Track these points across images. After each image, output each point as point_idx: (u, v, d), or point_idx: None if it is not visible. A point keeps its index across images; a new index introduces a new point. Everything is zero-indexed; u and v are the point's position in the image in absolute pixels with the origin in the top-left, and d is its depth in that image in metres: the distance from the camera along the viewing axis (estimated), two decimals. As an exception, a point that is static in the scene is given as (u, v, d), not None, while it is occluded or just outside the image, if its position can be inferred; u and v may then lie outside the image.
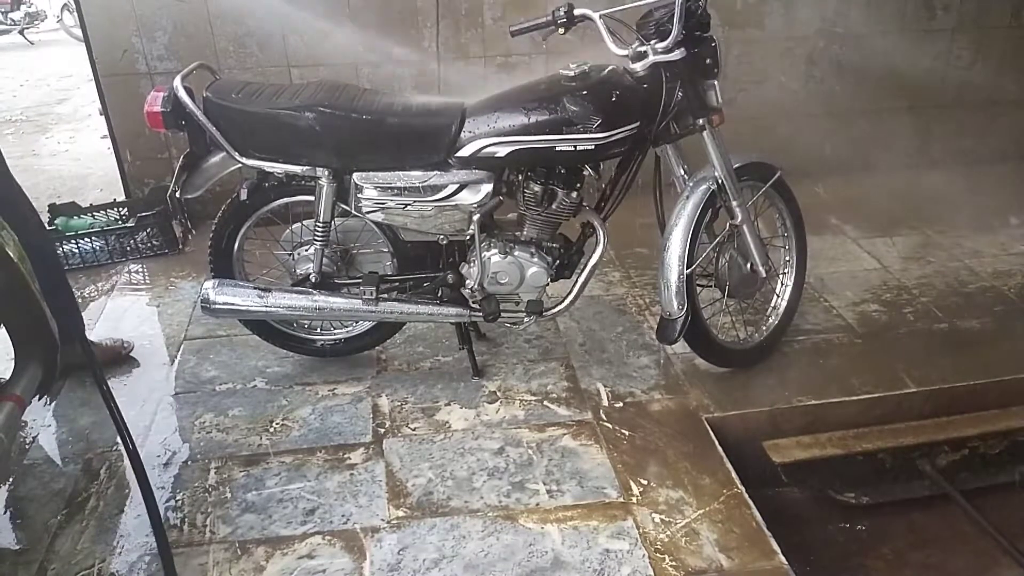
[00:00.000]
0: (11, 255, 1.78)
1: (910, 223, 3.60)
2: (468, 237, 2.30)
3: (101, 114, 3.58)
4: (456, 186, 2.21)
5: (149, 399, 2.51)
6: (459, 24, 3.50)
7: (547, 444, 2.29)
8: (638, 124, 2.19)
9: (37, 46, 9.42)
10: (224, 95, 2.18)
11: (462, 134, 2.18)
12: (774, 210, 2.64)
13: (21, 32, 9.56)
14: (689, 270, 2.31)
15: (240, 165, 2.23)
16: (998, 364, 2.64)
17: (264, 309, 2.36)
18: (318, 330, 2.65)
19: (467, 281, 2.36)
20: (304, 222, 2.41)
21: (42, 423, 2.42)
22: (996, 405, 2.58)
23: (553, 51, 3.52)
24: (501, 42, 3.53)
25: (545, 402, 2.46)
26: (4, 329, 1.96)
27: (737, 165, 2.38)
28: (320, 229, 2.31)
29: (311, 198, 2.30)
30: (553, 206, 2.27)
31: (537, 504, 2.08)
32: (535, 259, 2.33)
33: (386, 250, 2.45)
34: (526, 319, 2.41)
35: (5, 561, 1.95)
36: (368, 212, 2.27)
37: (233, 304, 2.35)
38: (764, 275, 2.50)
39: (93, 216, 3.52)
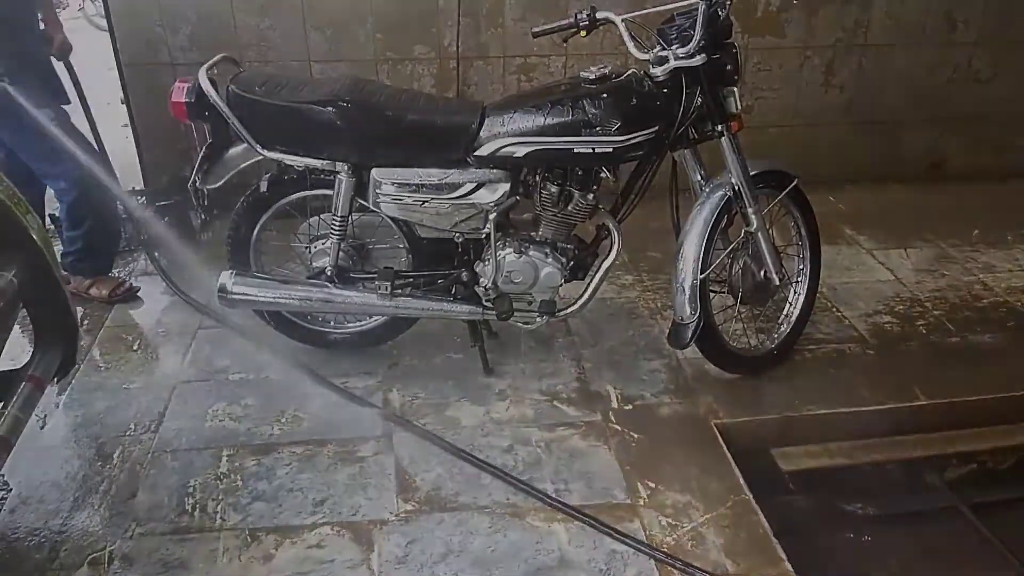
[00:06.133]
0: (36, 239, 1.81)
1: (925, 236, 3.59)
2: (484, 236, 2.32)
3: (123, 103, 3.61)
4: (474, 185, 2.23)
5: (163, 386, 2.53)
6: (480, 24, 3.52)
7: (556, 444, 2.30)
8: (657, 128, 2.20)
9: (59, 34, 9.50)
10: (248, 87, 2.20)
11: (481, 133, 2.19)
12: (789, 218, 2.64)
13: (43, 19, 9.65)
14: (703, 275, 2.31)
15: (261, 157, 2.26)
16: (1009, 379, 2.63)
17: (279, 301, 2.39)
18: (331, 323, 2.67)
19: (481, 279, 2.37)
20: (322, 216, 2.43)
21: (57, 407, 2.45)
22: (1006, 420, 2.57)
23: (573, 53, 3.53)
24: (521, 43, 3.54)
25: (555, 402, 2.47)
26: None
27: (754, 172, 2.38)
28: (337, 223, 2.33)
29: (330, 192, 2.31)
30: (569, 207, 2.28)
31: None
32: (549, 260, 2.34)
33: (402, 246, 2.47)
34: (538, 319, 2.42)
35: (17, 543, 1.97)
36: (385, 208, 2.28)
37: (249, 295, 2.37)
38: (777, 283, 2.49)
39: (112, 204, 3.54)
